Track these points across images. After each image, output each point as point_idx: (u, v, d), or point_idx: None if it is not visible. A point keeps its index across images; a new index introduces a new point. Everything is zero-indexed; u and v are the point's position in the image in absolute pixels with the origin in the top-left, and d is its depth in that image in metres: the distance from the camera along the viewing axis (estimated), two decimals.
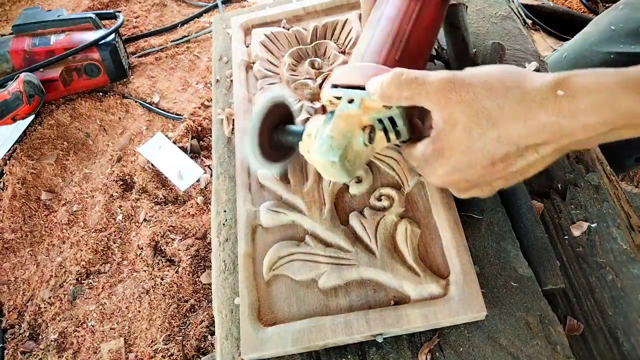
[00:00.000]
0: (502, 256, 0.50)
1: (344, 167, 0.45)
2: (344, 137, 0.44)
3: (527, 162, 0.39)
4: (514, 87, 0.37)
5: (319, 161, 0.45)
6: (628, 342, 0.46)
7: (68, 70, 1.35)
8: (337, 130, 0.44)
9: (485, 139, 0.38)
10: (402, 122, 0.45)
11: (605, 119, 0.34)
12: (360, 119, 0.45)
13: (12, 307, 1.07)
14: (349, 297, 0.48)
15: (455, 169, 0.41)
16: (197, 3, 1.76)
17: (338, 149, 0.44)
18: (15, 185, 1.23)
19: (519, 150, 0.38)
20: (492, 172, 0.40)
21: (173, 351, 0.96)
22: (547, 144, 0.38)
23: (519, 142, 0.38)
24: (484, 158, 0.39)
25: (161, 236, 1.12)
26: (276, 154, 0.52)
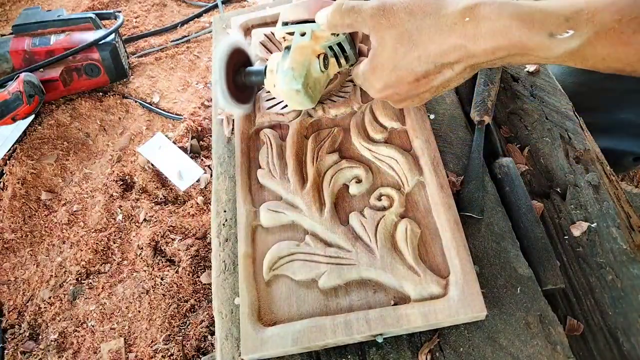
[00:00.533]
0: (502, 256, 0.50)
1: (307, 93, 0.52)
2: (302, 66, 0.51)
3: (444, 77, 0.45)
4: (431, 12, 0.42)
5: (285, 91, 0.52)
6: (628, 342, 0.46)
7: (68, 70, 1.35)
8: (296, 61, 0.51)
9: (408, 58, 0.44)
10: (349, 47, 0.52)
11: (500, 45, 0.40)
12: (314, 48, 0.51)
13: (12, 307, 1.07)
14: (349, 297, 0.48)
15: (388, 85, 0.48)
16: (197, 3, 1.76)
17: (300, 77, 0.50)
18: (15, 185, 1.23)
19: (437, 67, 0.44)
20: (418, 87, 0.47)
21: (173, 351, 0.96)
22: (458, 63, 0.43)
23: (435, 60, 0.43)
24: (409, 74, 0.45)
25: (161, 236, 1.12)
26: (242, 95, 0.59)
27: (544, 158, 0.60)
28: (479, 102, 0.62)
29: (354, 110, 0.61)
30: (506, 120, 0.64)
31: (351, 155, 0.58)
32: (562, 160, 0.59)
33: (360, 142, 0.58)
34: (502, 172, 0.56)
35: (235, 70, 0.57)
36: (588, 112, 0.67)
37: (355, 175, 0.56)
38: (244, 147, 0.60)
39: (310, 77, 0.51)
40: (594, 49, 0.37)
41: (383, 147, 0.57)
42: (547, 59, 0.39)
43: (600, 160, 0.60)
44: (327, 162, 0.57)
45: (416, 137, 0.56)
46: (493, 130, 0.61)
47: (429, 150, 0.55)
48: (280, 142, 0.60)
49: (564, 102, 0.65)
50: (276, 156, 0.58)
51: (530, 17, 0.38)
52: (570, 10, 0.37)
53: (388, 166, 0.56)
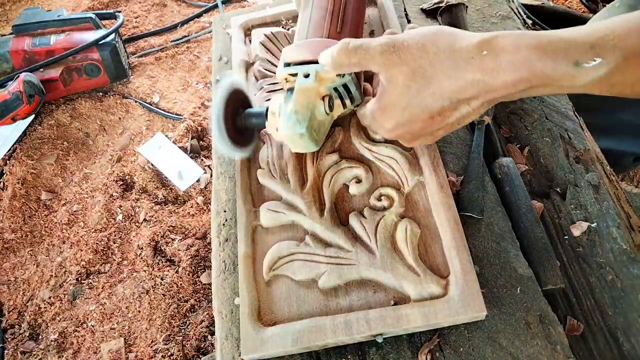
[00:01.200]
0: (502, 256, 0.50)
1: (311, 137, 0.49)
2: (306, 109, 0.48)
3: (460, 114, 0.43)
4: (445, 47, 0.41)
5: (288, 136, 0.49)
6: (628, 342, 0.46)
7: (68, 70, 1.35)
8: (299, 104, 0.48)
9: (422, 95, 0.42)
10: (355, 88, 0.50)
11: (522, 77, 0.38)
12: (318, 90, 0.49)
13: (12, 307, 1.07)
14: (349, 297, 0.48)
15: (400, 124, 0.46)
16: (197, 3, 1.76)
17: (304, 121, 0.48)
18: (15, 185, 1.23)
19: (452, 104, 0.42)
20: (432, 124, 0.45)
21: (173, 351, 0.96)
22: (476, 98, 0.41)
23: (451, 97, 0.42)
24: (423, 112, 0.43)
25: (161, 236, 1.12)
26: (242, 138, 0.56)
27: (544, 158, 0.60)
28: None
29: (353, 110, 0.61)
30: (506, 120, 0.64)
31: (351, 155, 0.58)
32: (562, 160, 0.59)
33: (360, 142, 0.58)
34: (502, 172, 0.56)
35: (235, 112, 0.54)
36: (588, 112, 0.67)
37: (355, 175, 0.56)
38: None
39: (314, 120, 0.49)
40: (623, 75, 0.36)
41: (383, 147, 0.57)
42: (572, 89, 0.38)
43: (600, 160, 0.60)
44: (327, 162, 0.57)
45: None
46: (493, 130, 0.61)
47: (429, 150, 0.55)
48: (280, 142, 0.60)
49: (564, 102, 0.65)
50: (276, 156, 0.58)
51: (552, 47, 0.37)
52: (595, 37, 0.36)
53: (388, 166, 0.56)
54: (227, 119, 0.52)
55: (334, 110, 0.51)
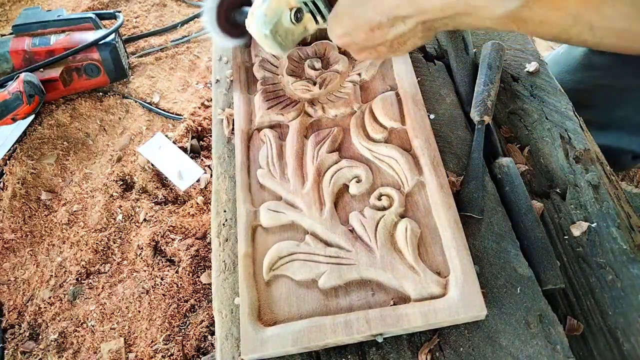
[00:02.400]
0: (502, 256, 0.50)
1: (275, 40, 0.56)
2: (275, 14, 0.55)
3: (398, 31, 0.47)
4: None
5: (255, 34, 0.56)
6: (628, 342, 0.46)
7: (68, 70, 1.35)
8: (270, 8, 0.54)
9: (364, 7, 0.47)
10: (324, 5, 0.55)
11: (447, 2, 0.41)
12: (289, 1, 0.55)
13: (12, 307, 1.07)
14: (349, 297, 0.48)
15: (346, 32, 0.50)
16: (197, 3, 1.76)
17: (269, 24, 0.55)
18: (15, 185, 1.23)
19: (389, 20, 0.46)
20: (373, 38, 0.48)
21: (173, 351, 0.96)
22: (410, 17, 0.45)
23: (388, 13, 0.45)
24: (364, 24, 0.48)
25: (161, 236, 1.12)
26: (235, 31, 0.64)
27: (544, 158, 0.60)
28: (479, 102, 0.62)
29: (353, 110, 0.61)
30: (506, 120, 0.64)
31: (351, 155, 0.58)
32: (562, 160, 0.59)
33: (360, 141, 0.58)
34: (502, 172, 0.56)
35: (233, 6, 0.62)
36: (586, 110, 0.67)
37: (355, 175, 0.56)
38: (244, 147, 0.60)
39: (280, 25, 0.55)
40: (532, 11, 0.38)
41: (383, 146, 0.57)
42: (492, 20, 0.40)
43: (600, 160, 0.60)
44: (327, 162, 0.57)
45: (416, 137, 0.56)
46: (493, 130, 0.61)
47: (429, 150, 0.55)
48: (280, 142, 0.60)
49: (564, 102, 0.65)
50: (276, 156, 0.58)
51: None
52: None
53: (388, 166, 0.56)
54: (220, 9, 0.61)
55: (306, 23, 0.57)
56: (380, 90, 0.63)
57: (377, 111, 0.60)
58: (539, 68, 0.69)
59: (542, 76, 0.69)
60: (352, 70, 0.65)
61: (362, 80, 0.64)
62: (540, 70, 0.69)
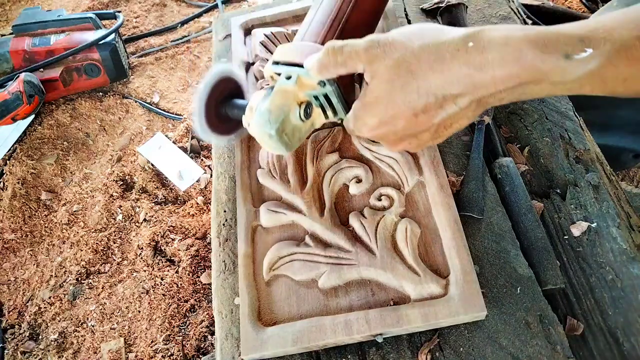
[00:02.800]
0: (502, 256, 0.50)
1: (281, 139, 0.47)
2: (281, 111, 0.47)
3: (447, 113, 0.41)
4: (431, 40, 0.40)
5: (257, 133, 0.48)
6: (628, 342, 0.46)
7: (68, 70, 1.35)
8: (275, 104, 0.47)
9: (406, 90, 0.40)
10: (337, 99, 0.47)
11: (511, 72, 0.37)
12: (296, 95, 0.47)
13: (12, 307, 1.07)
14: (349, 297, 0.48)
15: (383, 122, 0.43)
16: (197, 3, 1.76)
17: (275, 123, 0.46)
18: (15, 185, 1.23)
19: (438, 101, 0.40)
20: (417, 124, 0.42)
21: (173, 351, 0.96)
22: (463, 95, 0.39)
23: (436, 92, 0.40)
24: (407, 109, 0.41)
25: (161, 236, 1.12)
26: (224, 127, 0.56)
27: (544, 158, 0.60)
28: None
29: None
30: (506, 120, 0.64)
31: (351, 155, 0.58)
32: (562, 160, 0.59)
33: (360, 141, 0.58)
34: (502, 172, 0.56)
35: (221, 99, 0.54)
36: (587, 109, 0.67)
37: (355, 175, 0.56)
38: (244, 147, 0.60)
39: (287, 123, 0.47)
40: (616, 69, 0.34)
41: (383, 147, 0.57)
42: (564, 84, 0.36)
43: (600, 160, 0.60)
44: (327, 162, 0.57)
45: None
46: (493, 130, 0.61)
47: (429, 150, 0.55)
48: None
49: (564, 102, 0.65)
50: (276, 156, 0.58)
51: (542, 39, 0.36)
52: (585, 30, 0.35)
53: (388, 166, 0.56)
54: (210, 104, 0.53)
55: (314, 119, 0.50)
56: None
57: None
58: None
59: None
60: None
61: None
62: None
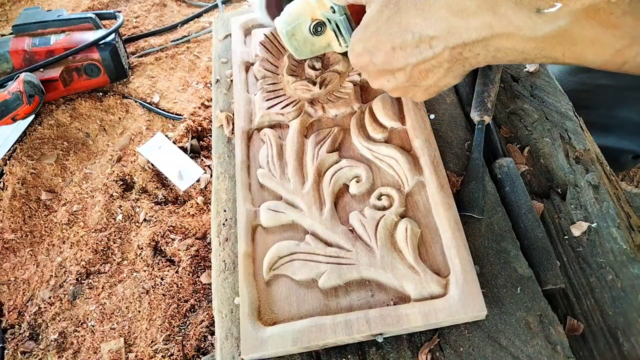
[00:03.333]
0: (502, 256, 0.50)
1: (289, 41, 0.53)
2: (296, 18, 0.52)
3: (422, 56, 0.43)
4: None
5: (277, 27, 0.54)
6: (628, 342, 0.46)
7: (68, 70, 1.35)
8: (295, 10, 0.52)
9: (390, 22, 0.43)
10: (344, 29, 0.51)
11: (484, 21, 0.38)
12: (315, 11, 0.52)
13: (12, 307, 1.07)
14: (349, 296, 0.48)
15: (366, 48, 0.46)
16: (197, 3, 1.76)
17: (287, 25, 0.52)
18: (15, 185, 1.23)
19: (415, 39, 0.42)
20: (393, 59, 0.44)
21: (173, 351, 0.96)
22: (437, 39, 0.41)
23: (414, 30, 0.41)
24: (387, 41, 0.44)
25: (161, 236, 1.12)
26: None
27: (544, 158, 0.60)
28: (479, 102, 0.62)
29: (354, 110, 0.61)
30: (506, 120, 0.64)
31: (351, 155, 0.58)
32: (562, 160, 0.59)
33: (360, 141, 0.58)
34: (502, 172, 0.56)
35: None
36: (586, 110, 0.67)
37: (355, 174, 0.56)
38: (244, 146, 0.60)
39: (299, 31, 0.53)
40: (582, 30, 0.35)
41: (383, 146, 0.57)
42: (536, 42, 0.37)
43: (600, 161, 0.60)
44: (327, 162, 0.57)
45: (416, 137, 0.56)
46: (493, 130, 0.61)
47: (429, 150, 0.55)
48: (280, 141, 0.60)
49: (564, 102, 0.65)
50: (276, 156, 0.58)
51: None
52: None
53: (388, 166, 0.56)
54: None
55: (330, 41, 0.54)
56: (381, 90, 0.63)
57: (377, 111, 0.60)
58: (539, 68, 0.69)
59: (542, 76, 0.69)
60: (352, 70, 0.65)
61: (362, 80, 0.64)
62: (541, 70, 0.69)
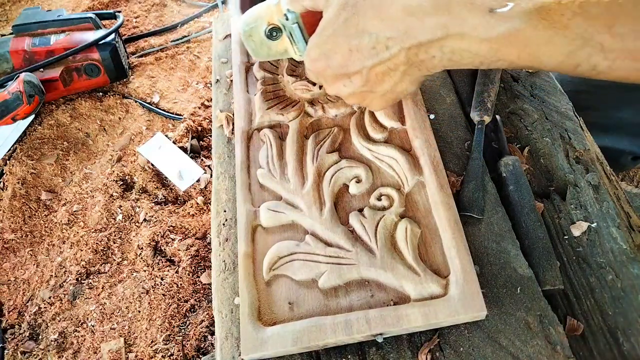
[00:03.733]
0: (502, 256, 0.50)
1: (247, 41, 0.53)
2: (254, 20, 0.52)
3: (378, 58, 0.42)
4: None
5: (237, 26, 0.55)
6: (628, 342, 0.46)
7: (68, 70, 1.35)
8: (255, 12, 0.52)
9: (347, 24, 0.42)
10: (299, 36, 0.50)
11: (439, 21, 0.38)
12: (272, 15, 0.51)
13: (12, 307, 1.07)
14: (349, 297, 0.48)
15: (322, 53, 0.45)
16: (197, 3, 1.76)
17: (246, 25, 0.52)
18: (15, 185, 1.23)
19: (371, 41, 0.42)
20: (350, 61, 0.44)
21: (173, 351, 0.96)
22: (394, 40, 0.41)
23: (371, 31, 0.41)
24: (344, 43, 0.43)
25: (161, 236, 1.12)
26: None
27: (544, 158, 0.60)
28: (479, 102, 0.62)
29: (353, 110, 0.61)
30: (506, 120, 0.64)
31: (351, 155, 0.58)
32: (562, 160, 0.59)
33: (360, 141, 0.58)
34: (508, 170, 0.56)
35: None
36: (586, 111, 0.67)
37: (355, 174, 0.56)
38: (244, 147, 0.60)
39: (256, 33, 0.52)
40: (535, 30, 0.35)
41: (383, 146, 0.57)
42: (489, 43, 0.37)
43: (600, 161, 0.60)
44: (327, 162, 0.57)
45: (416, 137, 0.56)
46: (501, 128, 0.61)
47: (429, 150, 0.55)
48: (280, 142, 0.60)
49: (564, 102, 0.65)
50: (276, 156, 0.58)
51: None
52: None
53: (388, 166, 0.56)
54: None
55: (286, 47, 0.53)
56: None
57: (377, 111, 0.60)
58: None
59: (542, 76, 0.69)
60: None
61: None
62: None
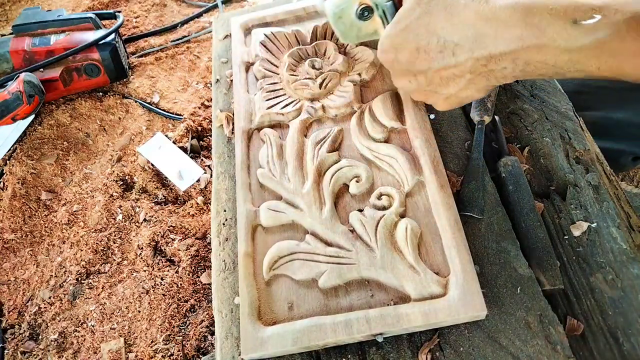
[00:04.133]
0: (502, 256, 0.50)
1: (337, 24, 0.53)
2: (345, 0, 0.51)
3: (444, 62, 0.42)
4: None
5: (325, 9, 0.53)
6: (628, 342, 0.46)
7: (68, 70, 1.35)
8: None
9: (419, 23, 0.42)
10: (391, 17, 0.49)
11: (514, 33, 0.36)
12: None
13: (12, 307, 1.07)
14: (349, 296, 0.48)
15: (393, 45, 0.45)
16: (197, 3, 1.76)
17: (336, 7, 0.52)
18: (15, 185, 1.23)
19: (439, 44, 0.41)
20: (416, 60, 0.44)
21: (173, 351, 0.96)
22: (461, 47, 0.40)
23: (439, 34, 0.41)
24: (413, 40, 0.43)
25: (161, 236, 1.12)
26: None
27: (544, 158, 0.60)
28: (479, 102, 0.62)
29: (354, 110, 0.61)
30: (506, 120, 0.64)
31: (351, 155, 0.58)
32: (562, 160, 0.59)
33: (360, 141, 0.58)
34: (507, 170, 0.56)
35: None
36: (586, 111, 0.67)
37: (355, 174, 0.56)
38: (244, 146, 0.60)
39: (346, 15, 0.52)
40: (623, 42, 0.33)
41: (383, 146, 0.57)
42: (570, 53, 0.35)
43: (600, 161, 0.60)
44: (327, 162, 0.57)
45: (416, 137, 0.56)
46: (500, 128, 0.61)
47: (429, 150, 0.55)
48: (280, 141, 0.60)
49: (564, 102, 0.65)
50: (276, 156, 0.58)
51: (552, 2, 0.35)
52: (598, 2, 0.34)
53: (388, 165, 0.56)
54: None
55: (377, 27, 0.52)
56: (381, 90, 0.63)
57: (377, 111, 0.60)
58: None
59: None
60: (352, 70, 0.65)
61: (363, 80, 0.64)
62: None
